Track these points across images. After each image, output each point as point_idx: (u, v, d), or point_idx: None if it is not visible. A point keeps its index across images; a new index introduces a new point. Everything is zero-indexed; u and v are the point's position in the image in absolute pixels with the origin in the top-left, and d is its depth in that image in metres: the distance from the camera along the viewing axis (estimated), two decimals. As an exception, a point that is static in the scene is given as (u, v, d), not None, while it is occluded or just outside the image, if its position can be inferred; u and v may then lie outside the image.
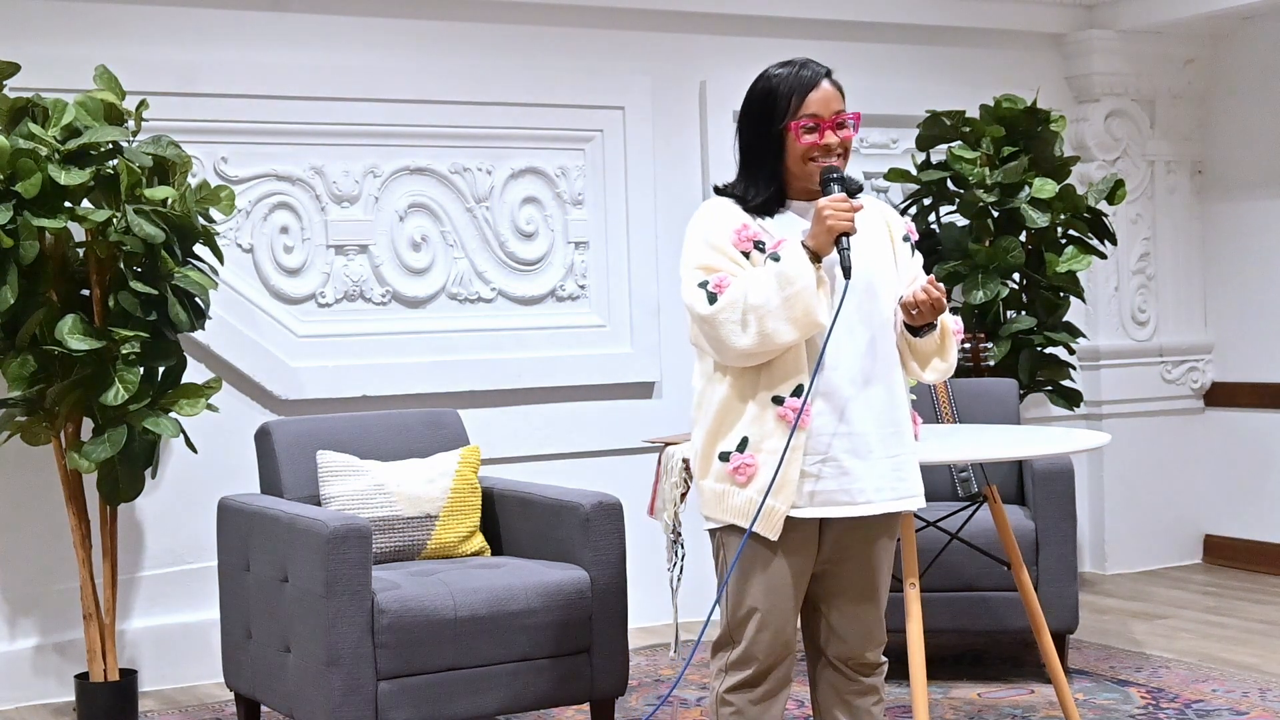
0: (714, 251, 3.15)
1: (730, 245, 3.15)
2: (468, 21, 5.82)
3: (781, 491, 3.12)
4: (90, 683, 4.78)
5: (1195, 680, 5.04)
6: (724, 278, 3.12)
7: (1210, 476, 7.15)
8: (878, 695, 3.38)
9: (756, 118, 3.21)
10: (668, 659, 5.49)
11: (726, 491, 3.17)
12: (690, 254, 3.20)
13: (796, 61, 3.23)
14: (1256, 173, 6.96)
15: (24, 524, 5.14)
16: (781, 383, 3.13)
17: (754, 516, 3.13)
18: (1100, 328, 6.96)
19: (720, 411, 3.18)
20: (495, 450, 5.55)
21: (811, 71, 3.20)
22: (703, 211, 3.25)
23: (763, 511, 3.12)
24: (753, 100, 3.23)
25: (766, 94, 3.20)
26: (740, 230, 3.16)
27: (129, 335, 4.54)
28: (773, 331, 3.07)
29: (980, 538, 4.82)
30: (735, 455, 3.15)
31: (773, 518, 3.13)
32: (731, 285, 3.10)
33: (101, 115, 4.66)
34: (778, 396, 3.12)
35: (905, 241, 3.33)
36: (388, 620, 4.03)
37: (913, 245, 3.36)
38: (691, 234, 3.22)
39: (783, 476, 3.12)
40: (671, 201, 6.15)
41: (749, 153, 3.24)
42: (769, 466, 3.12)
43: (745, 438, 3.15)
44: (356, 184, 5.62)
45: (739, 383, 3.16)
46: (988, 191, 6.06)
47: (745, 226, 3.16)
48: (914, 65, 6.64)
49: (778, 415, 3.12)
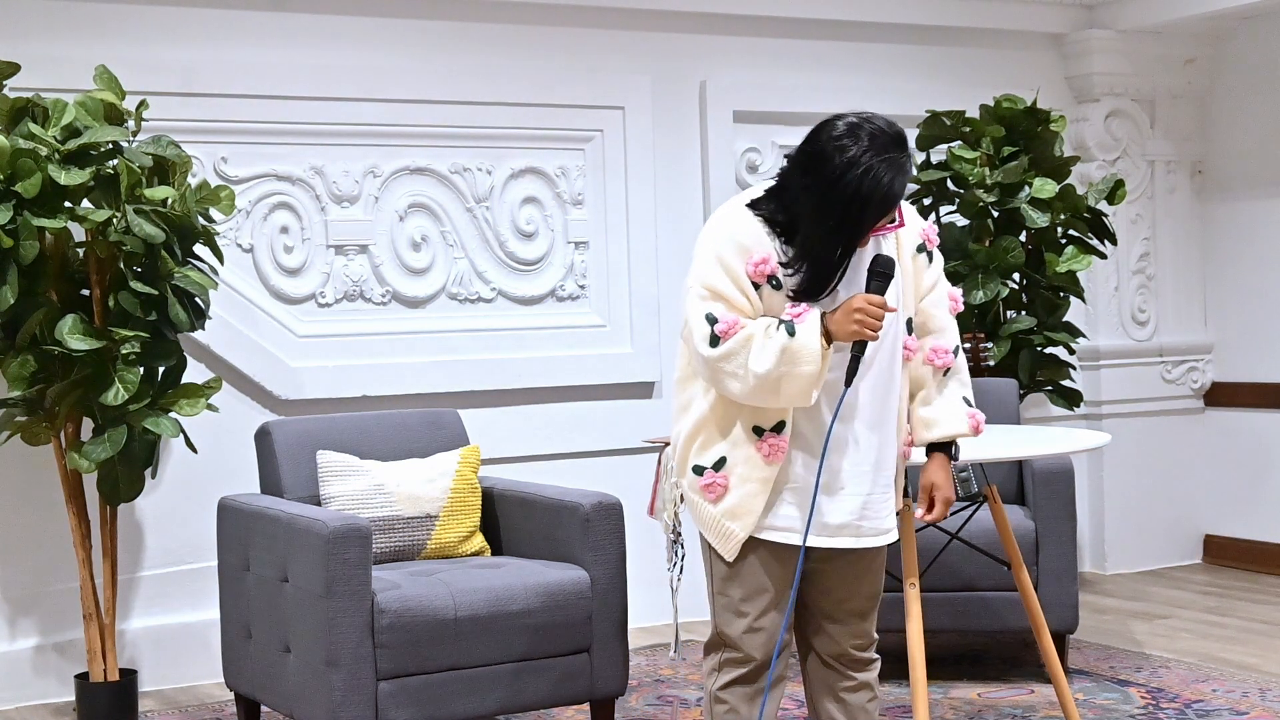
0: (725, 276, 3.07)
1: (743, 273, 3.07)
2: (468, 21, 5.82)
3: (741, 518, 3.16)
4: (90, 683, 4.78)
5: (1195, 680, 5.04)
6: (735, 323, 3.05)
7: (1210, 476, 7.15)
8: (871, 692, 3.38)
9: (818, 180, 2.98)
10: (668, 659, 5.49)
11: (698, 503, 3.22)
12: (702, 267, 3.11)
13: (889, 150, 2.97)
14: (1256, 173, 6.96)
15: (24, 524, 5.14)
16: (764, 415, 3.13)
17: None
18: (1100, 328, 6.96)
19: (701, 422, 3.19)
20: (495, 450, 5.55)
21: (894, 188, 2.99)
22: (725, 220, 3.13)
23: (722, 531, 3.18)
24: (827, 160, 2.98)
25: (844, 167, 2.95)
26: (759, 264, 3.06)
27: (129, 335, 4.54)
28: (763, 399, 3.07)
29: (980, 538, 4.82)
30: (709, 472, 3.17)
31: (729, 540, 3.18)
32: (736, 335, 3.04)
33: (101, 115, 4.66)
34: (758, 428, 3.13)
35: (919, 252, 3.28)
36: (388, 620, 4.03)
37: (930, 253, 3.31)
38: (708, 241, 3.13)
39: (744, 505, 3.15)
40: (671, 201, 6.15)
41: (790, 192, 3.06)
42: (737, 492, 3.16)
43: (723, 458, 3.16)
44: (356, 184, 5.62)
45: (722, 402, 3.16)
46: (988, 191, 6.06)
47: (765, 260, 3.06)
48: (914, 65, 6.64)
49: (755, 446, 3.14)
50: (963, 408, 3.34)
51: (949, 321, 3.35)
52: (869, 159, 2.95)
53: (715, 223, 3.15)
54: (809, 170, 3.00)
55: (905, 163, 2.99)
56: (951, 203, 6.26)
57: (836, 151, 2.96)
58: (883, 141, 2.97)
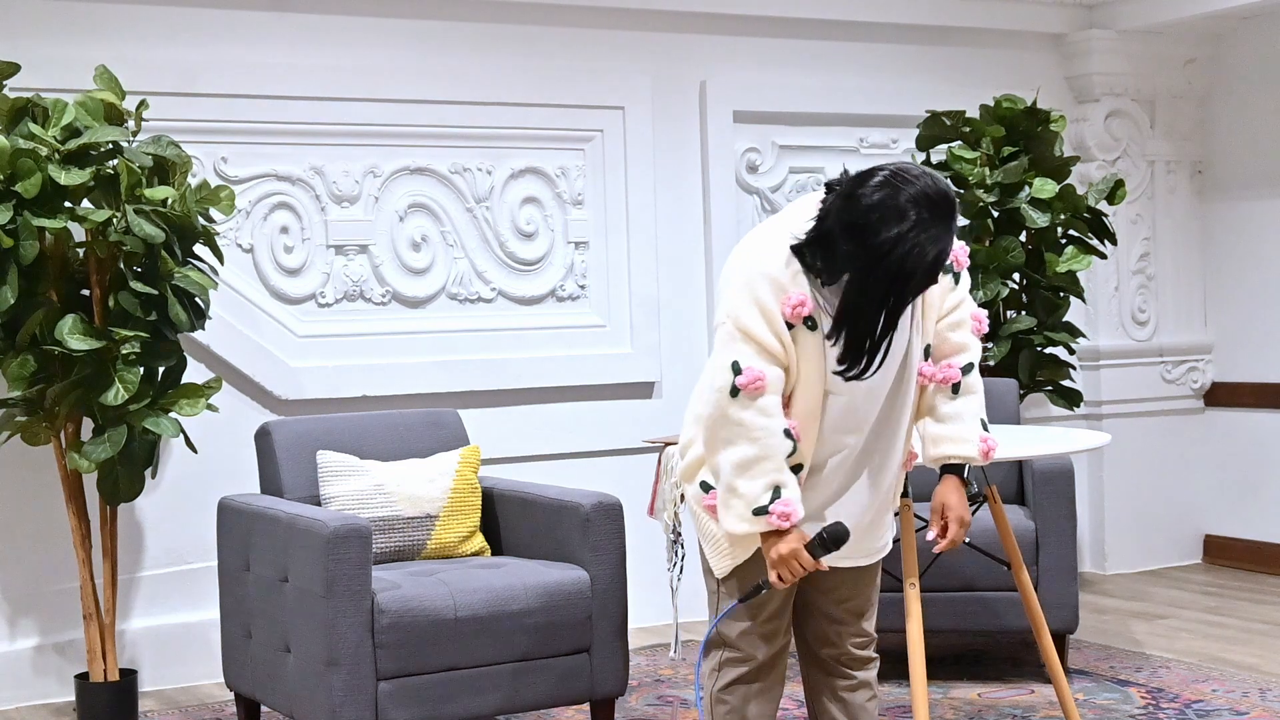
0: (760, 316, 2.96)
1: (777, 314, 2.96)
2: (468, 21, 5.82)
3: (740, 545, 3.15)
4: (90, 683, 4.78)
5: (1195, 680, 5.04)
6: (760, 381, 2.96)
7: (1210, 476, 7.15)
8: (871, 691, 3.38)
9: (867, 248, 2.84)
10: (668, 659, 5.49)
11: (702, 516, 3.22)
12: (735, 302, 3.00)
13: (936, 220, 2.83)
14: (1256, 173, 6.96)
15: (24, 524, 5.14)
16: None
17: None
18: (1100, 328, 6.96)
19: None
20: (495, 450, 5.55)
21: (947, 250, 2.87)
22: (762, 255, 3.01)
23: (722, 551, 3.19)
24: (877, 231, 2.82)
25: (901, 267, 2.82)
26: (797, 306, 2.95)
27: (129, 335, 4.54)
28: (722, 481, 3.05)
29: (980, 538, 4.82)
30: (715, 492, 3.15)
31: (725, 560, 3.20)
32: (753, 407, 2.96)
33: (101, 115, 4.66)
34: None
35: (947, 274, 3.19)
36: (388, 620, 4.03)
37: (955, 274, 3.22)
38: (743, 272, 3.01)
39: (746, 540, 3.13)
40: (671, 201, 6.15)
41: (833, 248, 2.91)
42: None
43: None
44: (356, 184, 5.62)
45: None
46: (988, 191, 6.06)
47: (803, 303, 2.95)
48: (914, 65, 6.64)
49: None
50: (976, 430, 3.25)
51: (967, 340, 3.27)
52: (915, 235, 2.81)
53: (752, 255, 3.03)
54: (852, 237, 2.86)
55: (952, 225, 2.86)
56: (951, 203, 6.25)
57: (880, 225, 2.82)
58: (928, 208, 2.83)
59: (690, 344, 6.16)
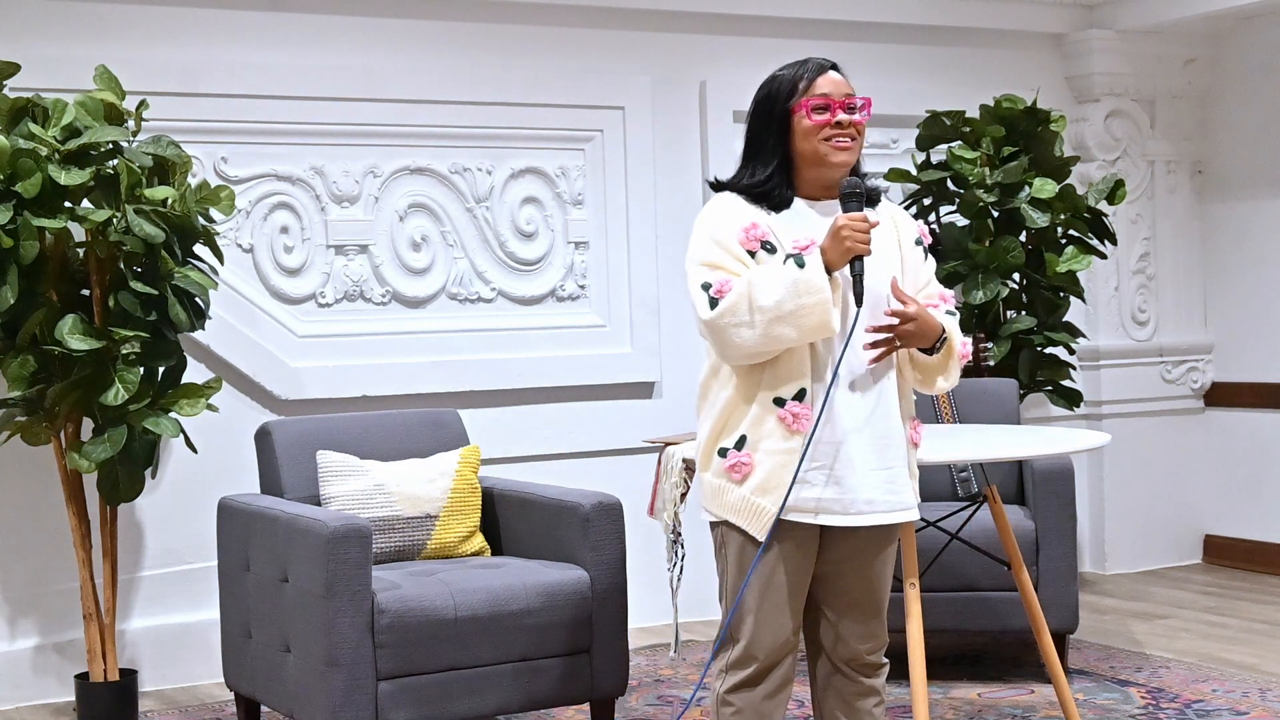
0: (719, 248, 3.14)
1: (736, 243, 3.13)
2: (468, 21, 5.82)
3: (771, 492, 3.13)
4: (90, 683, 4.78)
5: (1195, 680, 5.04)
6: (726, 281, 3.10)
7: (1210, 476, 7.15)
8: (878, 696, 3.38)
9: (764, 103, 3.21)
10: (668, 659, 5.49)
11: (723, 487, 3.19)
12: (696, 249, 3.18)
13: (803, 59, 3.24)
14: (1256, 173, 6.96)
15: (24, 524, 5.14)
16: (784, 384, 3.13)
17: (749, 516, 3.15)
18: (1100, 328, 6.96)
19: (725, 409, 3.19)
20: (495, 450, 5.55)
21: (820, 60, 3.21)
22: (711, 207, 3.23)
23: (752, 510, 3.15)
24: (760, 92, 3.22)
25: (774, 81, 3.20)
26: (749, 229, 3.14)
27: (129, 335, 4.54)
28: (779, 335, 3.06)
29: (980, 538, 4.82)
30: (733, 452, 3.16)
31: (761, 517, 3.15)
32: (732, 288, 3.09)
33: (101, 115, 4.66)
34: (779, 398, 3.13)
35: (917, 245, 3.30)
36: (388, 620, 4.04)
37: (925, 249, 3.32)
38: (698, 229, 3.21)
39: (774, 478, 3.13)
40: (671, 201, 6.15)
41: (754, 142, 3.23)
42: (764, 466, 3.14)
43: (744, 436, 3.16)
44: (356, 184, 5.62)
45: (743, 383, 3.17)
46: (988, 191, 6.06)
47: (754, 225, 3.14)
48: (914, 65, 6.64)
49: (777, 417, 3.13)
50: (951, 321, 3.26)
51: (943, 320, 3.26)
52: (781, 68, 3.23)
53: (703, 212, 3.25)
54: (756, 114, 3.22)
55: (816, 57, 3.22)
56: (951, 203, 6.26)
57: (766, 84, 3.22)
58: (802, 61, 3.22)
59: (690, 344, 6.15)
